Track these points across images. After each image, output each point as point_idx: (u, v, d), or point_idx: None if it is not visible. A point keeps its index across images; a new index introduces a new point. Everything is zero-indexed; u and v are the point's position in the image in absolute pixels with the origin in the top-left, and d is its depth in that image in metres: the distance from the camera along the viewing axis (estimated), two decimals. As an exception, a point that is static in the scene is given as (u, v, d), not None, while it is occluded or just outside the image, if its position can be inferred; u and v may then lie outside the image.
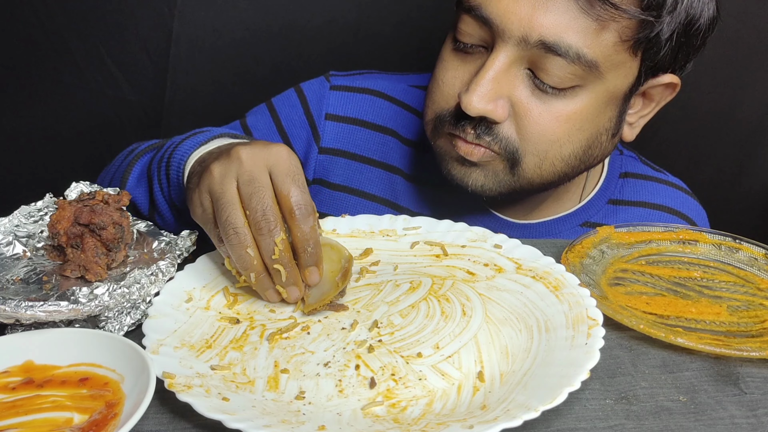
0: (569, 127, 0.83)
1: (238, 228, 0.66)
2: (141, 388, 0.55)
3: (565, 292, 0.71)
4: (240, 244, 0.66)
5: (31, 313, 0.61)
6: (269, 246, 0.66)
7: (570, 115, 0.82)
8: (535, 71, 0.80)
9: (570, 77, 0.79)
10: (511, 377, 0.62)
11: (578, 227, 1.00)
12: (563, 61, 0.78)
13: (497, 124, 0.82)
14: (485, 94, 0.80)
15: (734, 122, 1.36)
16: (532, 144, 0.83)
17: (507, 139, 0.83)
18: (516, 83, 0.81)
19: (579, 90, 0.81)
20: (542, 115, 0.82)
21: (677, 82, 0.87)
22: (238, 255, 0.67)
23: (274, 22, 1.33)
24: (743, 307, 0.76)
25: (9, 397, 0.57)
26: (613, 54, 0.79)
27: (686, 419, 0.59)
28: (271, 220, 0.66)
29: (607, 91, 0.83)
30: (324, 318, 0.68)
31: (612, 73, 0.81)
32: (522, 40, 0.78)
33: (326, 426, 0.55)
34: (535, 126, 0.82)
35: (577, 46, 0.77)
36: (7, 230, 0.72)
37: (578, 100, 0.82)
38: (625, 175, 1.04)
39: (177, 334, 0.66)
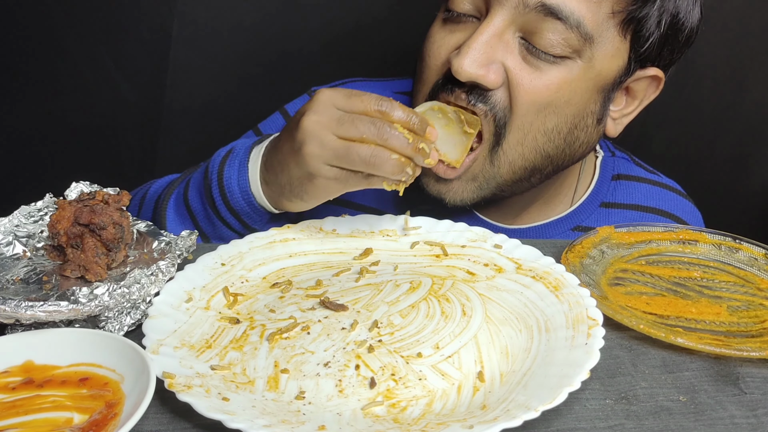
0: (558, 96, 0.83)
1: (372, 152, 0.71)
2: (141, 388, 0.55)
3: (565, 292, 0.71)
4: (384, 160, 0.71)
5: (31, 313, 0.61)
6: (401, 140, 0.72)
7: (560, 83, 0.82)
8: (527, 37, 0.81)
9: (563, 44, 0.80)
10: (511, 377, 0.62)
11: (570, 231, 1.00)
12: (562, 26, 0.79)
13: (491, 91, 0.82)
14: (477, 57, 0.79)
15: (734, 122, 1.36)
16: (520, 115, 0.83)
17: (501, 109, 0.83)
18: (509, 48, 0.81)
19: (569, 62, 0.82)
20: (533, 81, 0.81)
21: (661, 76, 0.88)
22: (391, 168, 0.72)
23: (274, 22, 1.33)
24: (743, 307, 0.76)
25: (9, 397, 0.57)
26: (605, 29, 0.81)
27: (686, 419, 0.59)
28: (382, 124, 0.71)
29: (595, 69, 0.83)
30: (324, 318, 0.68)
31: (601, 50, 0.82)
32: (520, 3, 0.79)
33: (326, 426, 0.55)
34: (526, 93, 0.82)
35: (579, 14, 0.79)
36: (7, 230, 0.72)
37: (568, 71, 0.82)
38: (617, 177, 1.04)
39: (177, 334, 0.66)
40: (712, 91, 1.33)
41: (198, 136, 1.40)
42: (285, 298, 0.72)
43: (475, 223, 0.97)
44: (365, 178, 0.74)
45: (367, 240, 0.84)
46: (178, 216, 0.91)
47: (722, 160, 1.41)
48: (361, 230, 0.85)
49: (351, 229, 0.85)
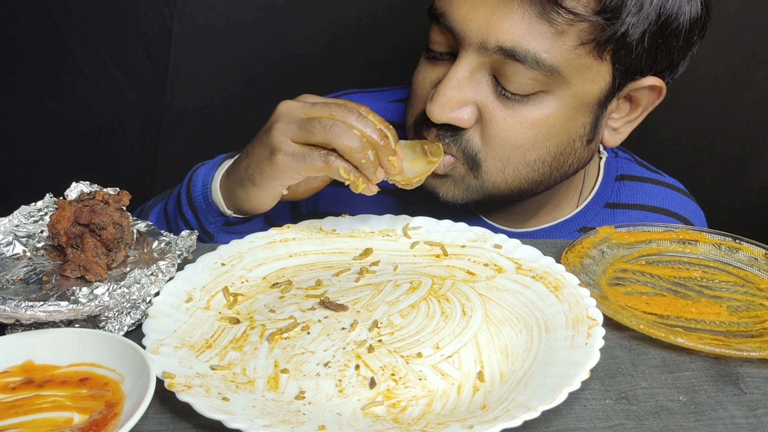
0: (534, 133, 0.83)
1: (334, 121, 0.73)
2: (141, 388, 0.55)
3: (565, 292, 0.71)
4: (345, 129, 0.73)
5: (31, 313, 0.61)
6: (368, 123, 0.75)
7: (535, 121, 0.82)
8: (498, 78, 0.81)
9: (531, 83, 0.79)
10: (511, 377, 0.62)
11: (575, 233, 1.00)
12: (522, 67, 0.78)
13: (463, 130, 0.83)
14: (446, 102, 0.81)
15: (734, 122, 1.36)
16: (493, 149, 0.83)
17: (468, 142, 0.84)
18: (480, 89, 0.82)
19: (544, 96, 0.81)
20: (506, 120, 0.82)
21: (661, 85, 0.86)
22: (349, 139, 0.73)
23: (274, 22, 1.33)
24: (743, 307, 0.76)
25: (9, 397, 0.57)
26: (575, 58, 0.79)
27: (686, 419, 0.59)
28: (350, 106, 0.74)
29: (576, 96, 0.82)
30: (324, 318, 0.68)
31: (578, 77, 0.80)
32: (481, 46, 0.79)
33: (326, 426, 0.55)
34: (499, 131, 0.82)
35: (535, 51, 0.77)
36: (7, 230, 0.72)
37: (544, 107, 0.81)
38: (621, 177, 1.04)
39: (177, 334, 0.66)
40: (712, 90, 1.33)
41: (198, 136, 1.40)
42: (285, 298, 0.72)
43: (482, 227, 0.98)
44: (324, 160, 0.75)
45: (367, 240, 0.84)
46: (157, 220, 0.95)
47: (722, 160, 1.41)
48: (361, 230, 0.85)
49: (351, 229, 0.85)
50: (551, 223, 1.00)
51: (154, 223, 0.85)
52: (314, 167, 0.76)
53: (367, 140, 0.75)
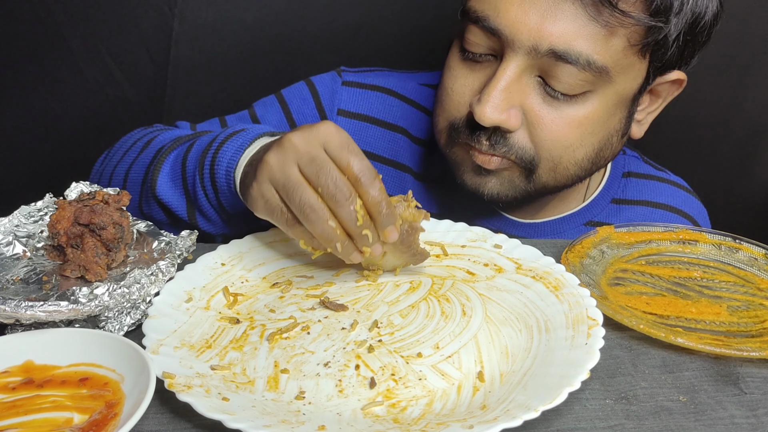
0: (582, 131, 0.83)
1: (314, 205, 0.66)
2: (141, 388, 0.55)
3: (565, 292, 0.71)
4: (320, 219, 0.66)
5: (31, 313, 0.61)
6: (351, 215, 0.66)
7: (582, 120, 0.83)
8: (545, 79, 0.81)
9: (581, 83, 0.80)
10: (511, 377, 0.62)
11: (582, 226, 1.01)
12: (574, 69, 0.78)
13: (511, 133, 0.83)
14: (498, 104, 0.80)
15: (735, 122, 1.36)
16: (546, 150, 0.84)
17: (522, 147, 0.84)
18: (527, 92, 0.82)
19: (590, 95, 0.82)
20: (555, 121, 0.82)
21: (684, 78, 0.88)
22: (321, 230, 0.67)
23: (275, 22, 1.33)
24: (743, 307, 0.76)
25: (9, 397, 0.57)
26: (623, 58, 0.80)
27: (686, 419, 0.59)
28: (344, 190, 0.66)
29: (617, 93, 0.83)
30: (324, 318, 0.68)
31: (621, 76, 0.82)
32: (532, 50, 0.78)
33: (326, 426, 0.55)
34: (549, 133, 0.83)
35: (587, 53, 0.78)
36: (7, 230, 0.72)
37: (589, 105, 0.82)
38: (627, 174, 1.05)
39: (177, 334, 0.66)
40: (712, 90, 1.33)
41: (198, 135, 1.40)
42: (285, 298, 0.72)
43: (495, 218, 1.00)
44: (288, 226, 0.70)
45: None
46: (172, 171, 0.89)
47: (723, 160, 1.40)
48: (361, 230, 0.85)
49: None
50: (559, 216, 1.01)
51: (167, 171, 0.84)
52: (278, 223, 0.71)
53: (341, 231, 0.67)
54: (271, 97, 1.07)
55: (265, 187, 0.69)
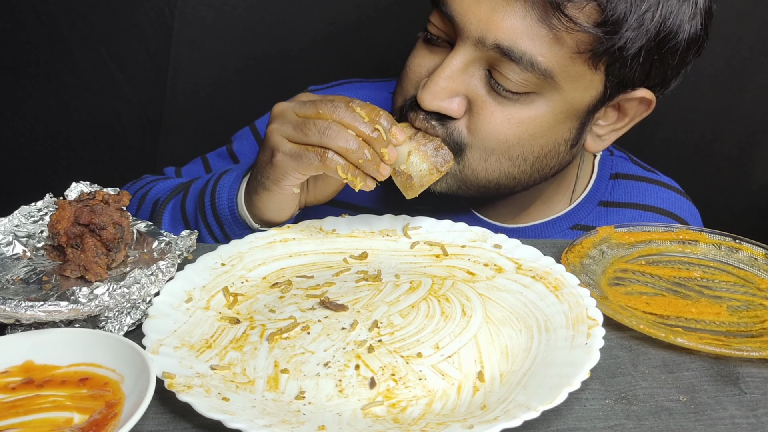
0: (521, 131, 0.83)
1: (329, 123, 0.75)
2: (141, 388, 0.55)
3: (565, 292, 0.71)
4: (340, 130, 0.74)
5: (31, 313, 0.61)
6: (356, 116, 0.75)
7: (523, 120, 0.82)
8: (492, 73, 0.81)
9: (524, 83, 0.80)
10: (511, 377, 0.62)
11: (568, 230, 1.00)
12: (517, 67, 0.78)
13: (451, 119, 0.83)
14: (438, 92, 0.81)
15: (734, 122, 1.36)
16: (479, 139, 0.84)
17: (455, 131, 0.84)
18: (473, 82, 0.82)
19: (535, 97, 0.81)
20: (494, 114, 0.82)
21: (651, 98, 0.86)
22: (345, 141, 0.74)
23: (274, 22, 1.33)
24: (743, 307, 0.76)
25: (9, 397, 0.57)
26: (570, 65, 0.79)
27: (686, 419, 0.59)
28: (340, 104, 0.75)
29: (566, 102, 0.82)
30: (324, 318, 0.68)
31: (570, 84, 0.81)
32: (479, 41, 0.79)
33: (326, 426, 0.55)
34: (486, 124, 0.83)
35: (531, 54, 0.78)
36: (7, 230, 0.72)
37: (534, 107, 0.82)
38: (615, 176, 1.04)
39: (177, 334, 0.66)
40: (711, 91, 1.33)
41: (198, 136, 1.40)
42: (285, 298, 0.72)
43: (474, 222, 0.97)
44: (320, 159, 0.76)
45: (367, 240, 0.84)
46: (172, 219, 0.93)
47: (722, 159, 1.41)
48: (361, 230, 0.85)
49: (351, 229, 0.85)
50: (543, 220, 1.00)
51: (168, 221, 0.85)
52: (312, 166, 0.77)
53: (362, 138, 0.75)
54: (246, 130, 1.10)
55: (283, 144, 0.77)
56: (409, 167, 0.79)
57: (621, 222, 0.98)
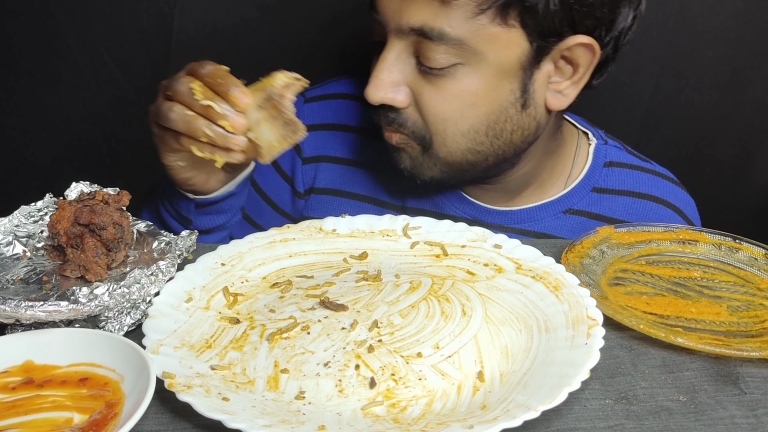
0: (459, 104, 0.86)
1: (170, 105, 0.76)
2: (141, 388, 0.55)
3: (565, 292, 0.71)
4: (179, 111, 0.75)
5: (31, 313, 0.61)
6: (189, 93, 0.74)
7: (457, 92, 0.86)
8: (419, 57, 0.85)
9: (445, 56, 0.83)
10: (511, 377, 0.62)
11: (561, 214, 1.01)
12: (433, 44, 0.83)
13: (403, 110, 0.88)
14: (379, 84, 0.86)
15: (734, 122, 1.36)
16: (431, 124, 0.88)
17: (414, 122, 0.89)
18: (408, 70, 0.87)
19: (461, 68, 0.84)
20: (432, 96, 0.86)
21: (591, 42, 0.84)
22: (182, 119, 0.75)
23: (274, 22, 1.33)
24: (743, 307, 0.76)
25: (9, 397, 0.57)
26: (479, 29, 0.82)
27: (686, 419, 0.59)
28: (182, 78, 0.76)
29: (492, 65, 0.84)
30: (324, 318, 0.68)
31: (489, 47, 0.83)
32: (399, 30, 0.84)
33: (326, 426, 0.55)
34: (430, 107, 0.87)
35: (440, 27, 0.81)
36: (7, 230, 0.72)
37: (463, 79, 0.85)
38: (609, 164, 1.04)
39: (177, 334, 0.66)
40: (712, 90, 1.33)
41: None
42: (285, 298, 0.72)
43: (468, 206, 1.01)
44: (176, 140, 0.77)
45: (367, 240, 0.84)
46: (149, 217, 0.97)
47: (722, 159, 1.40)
48: (361, 230, 0.85)
49: (351, 229, 0.85)
50: (536, 203, 1.01)
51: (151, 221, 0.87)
52: (172, 148, 0.80)
53: (202, 114, 0.75)
54: None
55: (152, 126, 0.80)
56: (259, 137, 0.76)
57: (615, 209, 1.00)
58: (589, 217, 1.01)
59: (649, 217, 1.01)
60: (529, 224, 1.01)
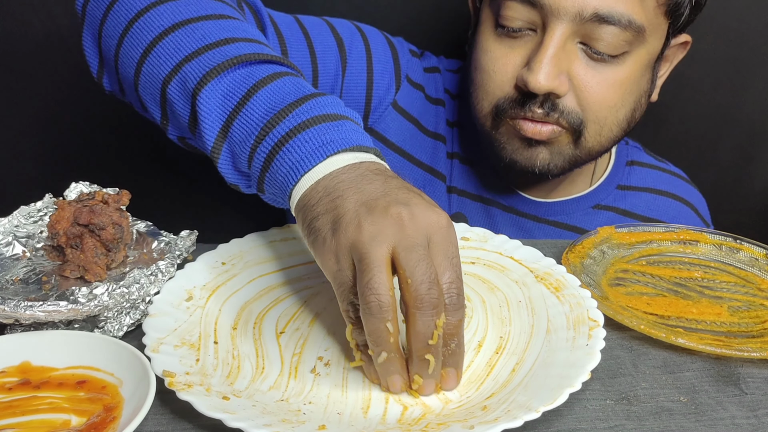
0: (623, 91, 0.88)
1: (382, 295, 0.53)
2: (141, 393, 0.54)
3: (566, 293, 0.71)
4: (381, 315, 0.53)
5: (30, 313, 0.61)
6: (428, 327, 0.54)
7: (623, 80, 0.87)
8: (588, 42, 0.85)
9: (622, 44, 0.84)
10: (512, 378, 0.61)
11: (590, 209, 1.04)
12: (616, 29, 0.82)
13: (560, 99, 0.86)
14: (549, 71, 0.83)
15: (736, 123, 1.36)
16: (592, 113, 0.88)
17: (571, 111, 0.87)
18: (572, 57, 0.85)
19: (627, 56, 0.86)
20: (600, 84, 0.86)
21: (689, 39, 0.94)
22: (374, 328, 0.54)
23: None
24: (744, 308, 0.76)
25: (6, 397, 0.57)
26: (654, 18, 0.85)
27: (687, 420, 0.59)
28: (435, 295, 0.54)
29: (648, 53, 0.88)
30: (324, 316, 0.68)
31: (652, 36, 0.86)
32: (577, 15, 0.82)
33: (326, 426, 0.55)
34: (594, 95, 0.87)
35: (628, 13, 0.82)
36: (6, 230, 0.72)
37: (627, 66, 0.87)
38: (631, 163, 1.08)
39: (177, 332, 0.65)
40: (713, 90, 1.33)
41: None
42: (285, 299, 0.72)
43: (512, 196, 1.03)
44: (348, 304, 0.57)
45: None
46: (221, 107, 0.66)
47: (723, 160, 1.40)
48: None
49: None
50: (568, 197, 1.03)
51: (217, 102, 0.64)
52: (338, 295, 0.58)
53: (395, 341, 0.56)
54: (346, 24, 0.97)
55: (343, 254, 0.55)
56: None
57: (638, 204, 1.05)
58: (616, 212, 1.04)
59: (669, 212, 1.05)
60: (562, 217, 1.03)
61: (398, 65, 1.01)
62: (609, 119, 0.89)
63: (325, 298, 0.72)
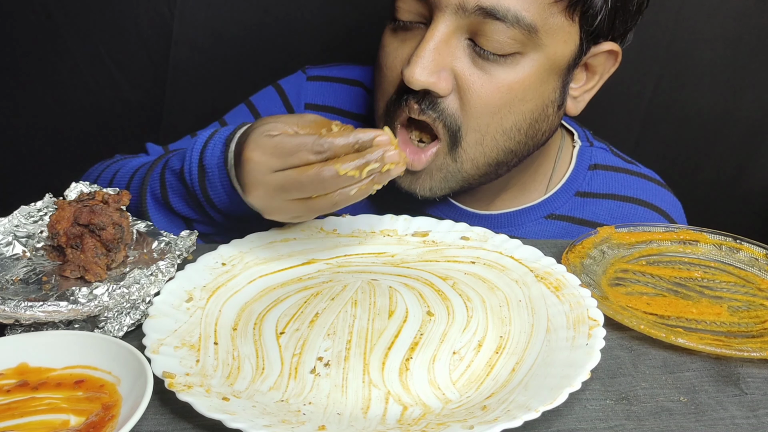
0: (511, 96, 0.81)
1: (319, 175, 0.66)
2: (139, 391, 0.54)
3: (566, 292, 0.71)
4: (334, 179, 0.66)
5: (30, 314, 0.61)
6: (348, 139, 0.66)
7: (512, 84, 0.81)
8: (475, 39, 0.79)
9: (510, 42, 0.78)
10: (512, 377, 0.61)
11: (543, 219, 0.98)
12: (502, 25, 0.77)
13: (441, 98, 0.81)
14: (427, 65, 0.78)
15: (734, 123, 1.36)
16: (474, 118, 0.82)
17: (451, 114, 0.82)
18: (457, 54, 0.80)
19: (519, 58, 0.80)
20: (484, 85, 0.80)
21: (618, 49, 0.86)
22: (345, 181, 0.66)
23: (274, 22, 1.33)
24: (744, 308, 0.76)
25: (4, 399, 0.57)
26: (550, 17, 0.79)
27: (687, 420, 0.59)
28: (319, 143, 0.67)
29: (548, 59, 0.81)
30: (324, 317, 0.68)
31: (551, 39, 0.80)
32: (459, 8, 0.77)
33: (326, 426, 0.55)
34: (477, 97, 0.81)
35: (515, 9, 0.77)
36: (6, 230, 0.72)
37: (519, 69, 0.81)
38: (594, 167, 1.01)
39: (177, 333, 0.65)
40: (711, 91, 1.33)
41: (198, 136, 1.40)
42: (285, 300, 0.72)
43: (448, 209, 0.97)
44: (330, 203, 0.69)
45: (367, 240, 0.84)
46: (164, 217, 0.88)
47: (722, 159, 1.40)
48: (362, 230, 0.85)
49: (352, 229, 0.85)
50: (517, 208, 0.98)
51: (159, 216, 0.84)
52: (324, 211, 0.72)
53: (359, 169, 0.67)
54: (241, 106, 1.08)
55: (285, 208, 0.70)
56: None
57: (598, 213, 0.97)
58: (572, 222, 0.98)
59: (634, 220, 0.97)
60: (509, 229, 0.97)
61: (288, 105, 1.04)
62: (492, 126, 0.82)
63: (325, 298, 0.72)
